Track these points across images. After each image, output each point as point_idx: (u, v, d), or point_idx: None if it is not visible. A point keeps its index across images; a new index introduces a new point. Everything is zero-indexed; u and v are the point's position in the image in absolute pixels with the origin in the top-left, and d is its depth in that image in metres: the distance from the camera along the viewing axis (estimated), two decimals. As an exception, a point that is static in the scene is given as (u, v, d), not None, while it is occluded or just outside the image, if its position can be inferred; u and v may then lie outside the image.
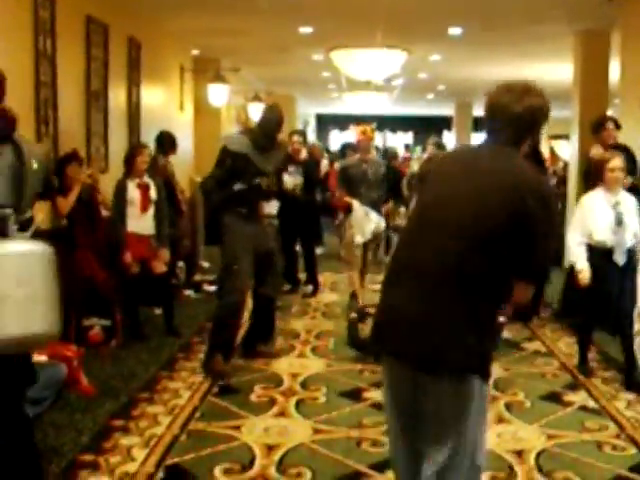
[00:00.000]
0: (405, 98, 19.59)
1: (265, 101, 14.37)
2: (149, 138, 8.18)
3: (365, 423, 4.49)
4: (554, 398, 5.04)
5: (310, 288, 8.50)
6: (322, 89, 17.91)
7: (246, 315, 5.50)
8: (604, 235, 5.21)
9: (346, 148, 11.25)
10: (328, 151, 16.25)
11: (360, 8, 8.54)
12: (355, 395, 5.02)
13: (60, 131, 6.16)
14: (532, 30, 9.61)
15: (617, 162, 5.23)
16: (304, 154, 8.39)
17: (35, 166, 2.99)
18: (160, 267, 6.41)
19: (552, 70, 12.47)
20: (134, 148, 6.55)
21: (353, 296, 6.91)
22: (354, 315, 6.26)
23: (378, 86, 15.08)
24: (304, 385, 5.23)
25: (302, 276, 8.70)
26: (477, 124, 21.58)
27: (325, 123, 27.26)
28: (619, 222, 5.20)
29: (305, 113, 24.58)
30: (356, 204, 6.80)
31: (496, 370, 5.54)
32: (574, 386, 5.29)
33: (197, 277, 8.87)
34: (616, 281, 5.25)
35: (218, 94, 10.83)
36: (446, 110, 22.27)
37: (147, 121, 8.55)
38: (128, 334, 6.16)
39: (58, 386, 4.52)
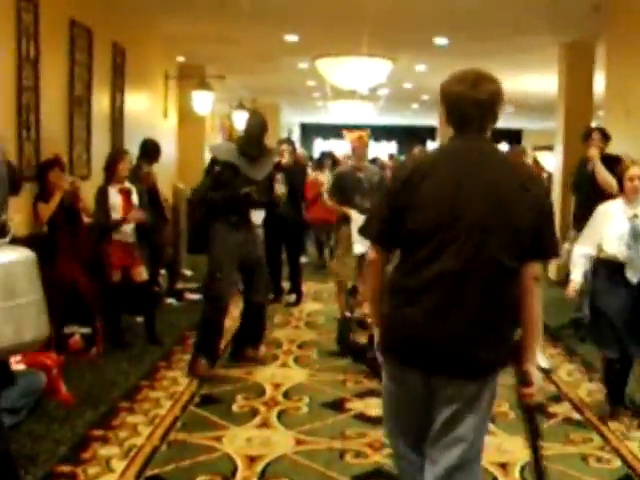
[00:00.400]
0: (389, 108, 19.63)
1: (249, 109, 14.36)
2: (132, 145, 8.10)
3: (348, 434, 4.44)
4: (538, 410, 4.98)
5: (293, 297, 8.45)
6: (307, 98, 17.91)
7: (229, 322, 5.73)
8: (616, 248, 4.72)
9: (324, 157, 11.24)
10: (311, 159, 16.19)
11: (346, 17, 8.53)
12: (338, 406, 4.98)
13: (42, 136, 6.06)
14: (517, 41, 9.64)
15: (636, 170, 4.81)
16: (287, 160, 8.32)
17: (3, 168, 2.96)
18: (141, 275, 6.33)
19: (537, 81, 12.54)
20: (115, 154, 6.48)
21: (352, 292, 6.52)
22: (348, 315, 6.22)
23: (363, 95, 15.10)
24: (286, 395, 5.18)
25: (285, 285, 8.65)
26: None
27: (309, 132, 27.27)
28: (635, 236, 4.71)
29: (289, 122, 24.57)
30: (354, 213, 6.55)
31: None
32: (557, 398, 5.27)
33: (179, 285, 8.80)
34: (627, 301, 4.72)
35: (202, 102, 10.78)
36: (430, 120, 22.32)
37: (130, 128, 8.47)
38: (109, 342, 6.09)
39: (36, 395, 4.46)
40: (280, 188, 5.98)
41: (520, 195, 2.49)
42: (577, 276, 4.90)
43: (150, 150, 7.58)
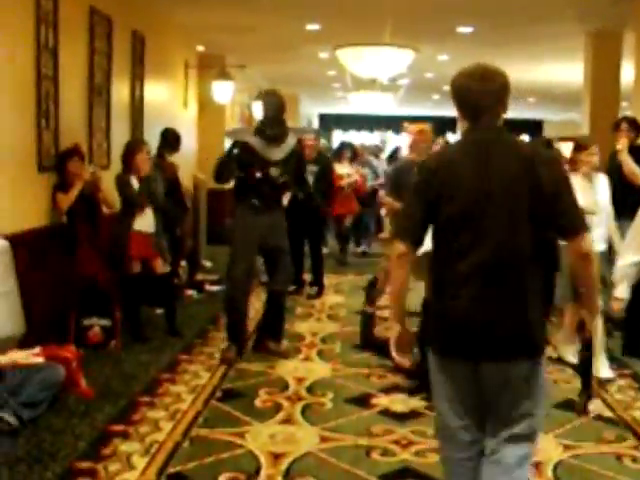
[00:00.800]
0: (410, 99, 19.41)
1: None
2: (151, 134, 8.02)
3: (374, 431, 4.33)
4: (568, 406, 4.87)
5: (315, 289, 8.34)
6: (326, 88, 17.75)
7: (250, 309, 5.94)
8: None
9: (344, 148, 10.94)
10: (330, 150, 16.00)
11: (368, 5, 8.38)
12: (363, 401, 4.86)
13: (61, 126, 5.98)
14: (543, 29, 9.45)
15: None
16: (314, 153, 8.20)
17: None
18: (162, 266, 6.24)
19: (563, 71, 12.33)
20: (132, 145, 6.38)
21: (372, 285, 6.27)
22: (370, 310, 6.09)
23: (383, 86, 14.91)
24: (310, 390, 5.06)
25: (306, 277, 8.54)
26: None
27: (328, 123, 27.07)
28: None
29: (308, 113, 24.42)
30: None
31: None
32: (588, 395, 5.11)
33: (199, 277, 8.71)
34: None
35: (223, 91, 10.66)
36: (450, 111, 22.09)
37: (150, 117, 8.37)
38: (128, 335, 6.00)
39: (55, 388, 4.37)
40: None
41: (535, 180, 2.55)
42: (623, 292, 4.54)
43: (171, 140, 7.49)
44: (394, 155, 11.00)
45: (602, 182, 5.48)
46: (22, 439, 3.95)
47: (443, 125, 24.16)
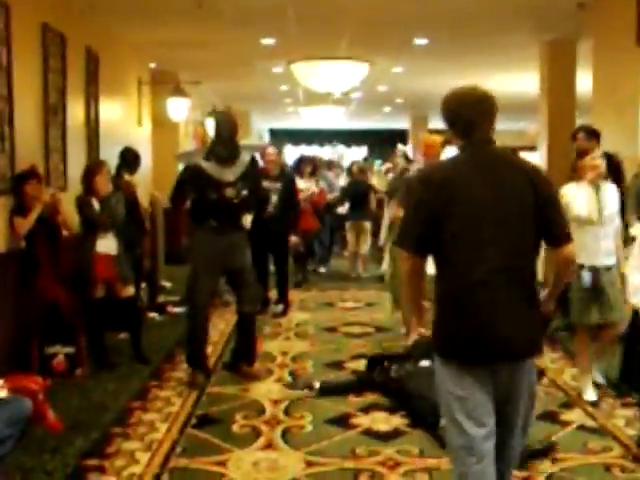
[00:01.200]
0: (361, 112, 19.44)
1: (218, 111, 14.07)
2: (107, 154, 7.83)
3: (359, 453, 4.20)
4: (550, 417, 4.81)
5: (280, 307, 8.19)
6: (278, 104, 17.67)
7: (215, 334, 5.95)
8: None
9: (303, 163, 10.75)
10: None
11: (324, 19, 8.31)
12: (343, 422, 4.73)
13: (17, 147, 5.75)
14: (497, 40, 9.50)
15: None
16: (277, 169, 8.05)
17: None
18: (127, 290, 6.04)
19: (515, 81, 12.42)
20: (93, 166, 6.20)
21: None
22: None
23: (335, 99, 14.90)
24: (287, 412, 4.91)
25: (271, 295, 8.39)
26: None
27: (279, 138, 27.01)
28: None
29: (259, 128, 24.31)
30: None
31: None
32: (568, 404, 5.07)
33: (161, 298, 8.49)
34: None
35: (178, 108, 10.50)
36: (400, 124, 22.21)
37: (106, 136, 8.16)
38: (93, 362, 5.78)
39: (23, 423, 4.13)
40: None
41: (532, 189, 2.75)
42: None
43: (130, 159, 7.30)
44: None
45: (610, 192, 5.16)
46: (-10, 479, 3.73)
47: (393, 137, 24.32)
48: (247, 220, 5.89)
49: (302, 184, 9.85)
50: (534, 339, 2.83)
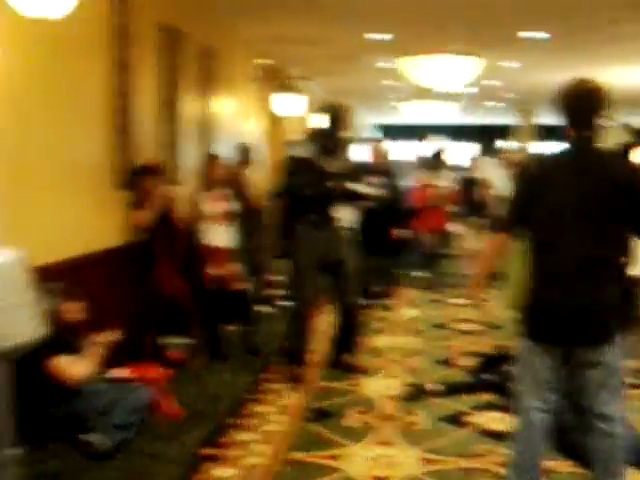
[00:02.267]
0: (472, 106, 19.12)
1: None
2: (220, 149, 7.96)
3: (475, 451, 4.11)
4: None
5: (388, 301, 8.14)
6: (383, 99, 17.57)
7: (315, 326, 5.85)
8: None
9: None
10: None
11: (436, 12, 8.18)
12: (457, 420, 4.65)
13: (135, 142, 5.90)
14: (611, 31, 9.11)
15: None
16: (385, 165, 8.01)
17: None
18: (240, 282, 6.12)
19: (631, 74, 11.95)
20: (209, 159, 6.33)
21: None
22: None
23: (445, 95, 14.67)
24: (400, 409, 4.86)
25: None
26: (542, 133, 21.06)
27: (387, 133, 26.88)
28: None
29: (365, 123, 24.25)
30: None
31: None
32: None
33: (269, 292, 8.56)
34: None
35: (292, 104, 10.56)
36: (505, 119, 21.81)
37: (219, 131, 8.29)
38: (208, 353, 5.88)
39: (145, 410, 4.24)
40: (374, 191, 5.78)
41: (616, 187, 2.96)
42: None
43: (245, 154, 7.46)
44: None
45: None
46: (114, 463, 3.84)
47: (496, 133, 23.81)
48: (347, 215, 5.90)
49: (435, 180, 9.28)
50: (606, 327, 3.03)
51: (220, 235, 6.05)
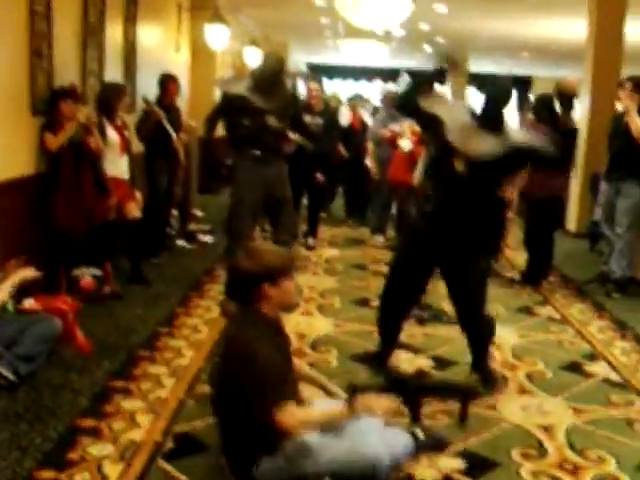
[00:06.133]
0: (401, 49, 19.06)
1: (265, 51, 13.86)
2: (144, 79, 7.78)
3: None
4: (575, 368, 4.79)
5: (311, 241, 8.19)
6: (318, 37, 17.35)
7: None
8: None
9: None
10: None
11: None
12: (368, 359, 4.74)
13: (55, 66, 5.70)
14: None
15: None
16: (320, 104, 7.97)
17: None
18: (134, 211, 6.05)
19: (561, 26, 12.07)
20: (115, 89, 6.19)
21: None
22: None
23: (376, 36, 14.59)
24: (314, 347, 4.94)
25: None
26: (472, 80, 21.19)
27: (316, 72, 26.63)
28: None
29: (297, 60, 23.96)
30: None
31: (512, 337, 5.31)
32: (593, 356, 5.05)
33: (192, 226, 8.53)
34: None
35: (218, 36, 10.32)
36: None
37: (143, 61, 8.07)
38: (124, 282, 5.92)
39: (52, 342, 4.21)
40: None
41: None
42: None
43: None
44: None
45: None
46: (20, 394, 3.81)
47: (433, 77, 23.75)
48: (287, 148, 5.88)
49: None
50: None
51: (120, 165, 6.02)
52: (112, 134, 5.94)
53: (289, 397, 2.84)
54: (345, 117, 10.01)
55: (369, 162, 8.78)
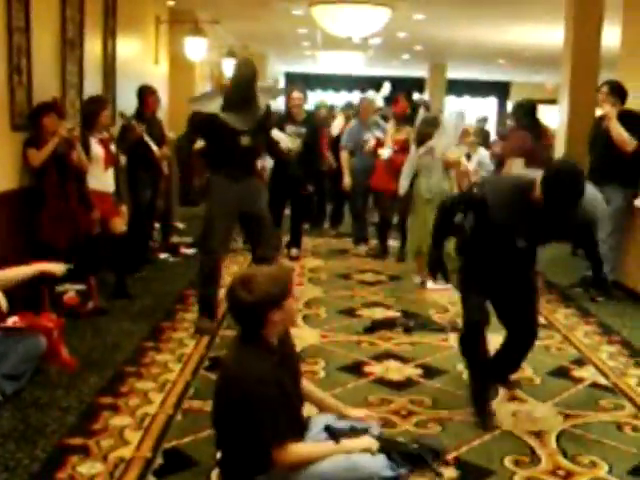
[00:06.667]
0: (379, 58, 19.13)
1: (238, 57, 13.87)
2: (123, 92, 7.74)
3: (371, 401, 4.20)
4: (563, 374, 4.80)
5: (295, 251, 8.16)
6: (296, 47, 17.39)
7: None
8: None
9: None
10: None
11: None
12: (356, 370, 4.73)
13: (34, 80, 5.66)
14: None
15: None
16: (302, 114, 7.94)
17: None
18: (120, 226, 6.03)
19: (542, 32, 12.16)
20: (98, 102, 6.17)
21: None
22: None
23: (353, 45, 14.64)
24: (300, 358, 4.91)
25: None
26: (451, 87, 21.30)
27: (294, 82, 26.65)
28: None
29: (276, 71, 23.99)
30: None
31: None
32: (581, 361, 5.06)
33: (174, 239, 8.48)
34: None
35: (196, 48, 10.31)
36: (419, 72, 21.89)
37: (122, 74, 8.03)
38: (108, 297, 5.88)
39: (37, 359, 4.16)
40: (292, 141, 5.67)
41: None
42: None
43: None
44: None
45: None
46: (5, 414, 3.75)
47: (410, 85, 23.96)
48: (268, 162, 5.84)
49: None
50: None
51: (104, 179, 6.02)
52: (96, 148, 5.92)
53: (290, 426, 2.84)
54: (337, 127, 9.95)
55: (344, 171, 8.63)
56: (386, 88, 10.71)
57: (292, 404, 2.98)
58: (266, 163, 7.36)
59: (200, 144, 5.72)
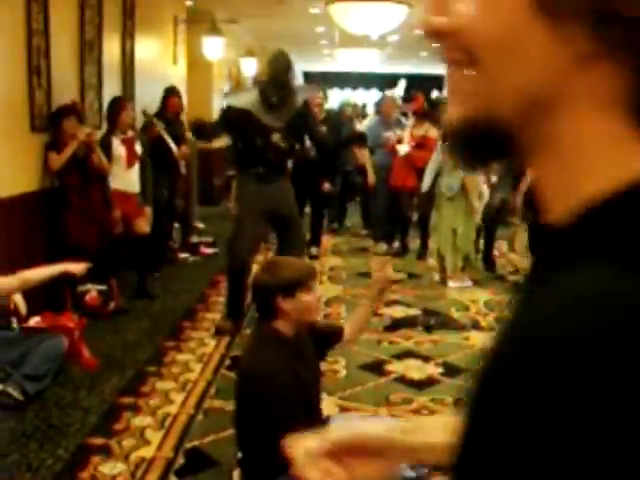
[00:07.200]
0: (397, 55, 19.08)
1: (257, 56, 13.88)
2: (142, 92, 7.76)
3: (392, 399, 4.19)
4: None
5: (315, 250, 8.15)
6: (314, 45, 17.37)
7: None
8: None
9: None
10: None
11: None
12: (377, 368, 4.71)
13: (54, 82, 5.69)
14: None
15: None
16: (322, 113, 7.92)
17: None
18: (143, 227, 6.04)
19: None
20: (118, 102, 6.20)
21: None
22: None
23: (371, 42, 14.60)
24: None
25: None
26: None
27: (312, 81, 26.68)
28: None
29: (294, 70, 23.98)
30: None
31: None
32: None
33: (194, 239, 8.50)
34: None
35: (214, 47, 10.31)
36: (437, 69, 21.78)
37: (140, 74, 8.05)
38: (129, 297, 5.89)
39: (59, 359, 4.17)
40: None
41: None
42: None
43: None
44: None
45: None
46: (29, 414, 3.78)
47: (429, 83, 23.89)
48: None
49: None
50: None
51: (127, 179, 6.02)
52: (118, 148, 5.94)
53: (306, 419, 2.80)
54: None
55: (368, 169, 8.56)
56: (401, 85, 10.67)
57: (308, 396, 2.96)
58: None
59: (220, 142, 5.69)
